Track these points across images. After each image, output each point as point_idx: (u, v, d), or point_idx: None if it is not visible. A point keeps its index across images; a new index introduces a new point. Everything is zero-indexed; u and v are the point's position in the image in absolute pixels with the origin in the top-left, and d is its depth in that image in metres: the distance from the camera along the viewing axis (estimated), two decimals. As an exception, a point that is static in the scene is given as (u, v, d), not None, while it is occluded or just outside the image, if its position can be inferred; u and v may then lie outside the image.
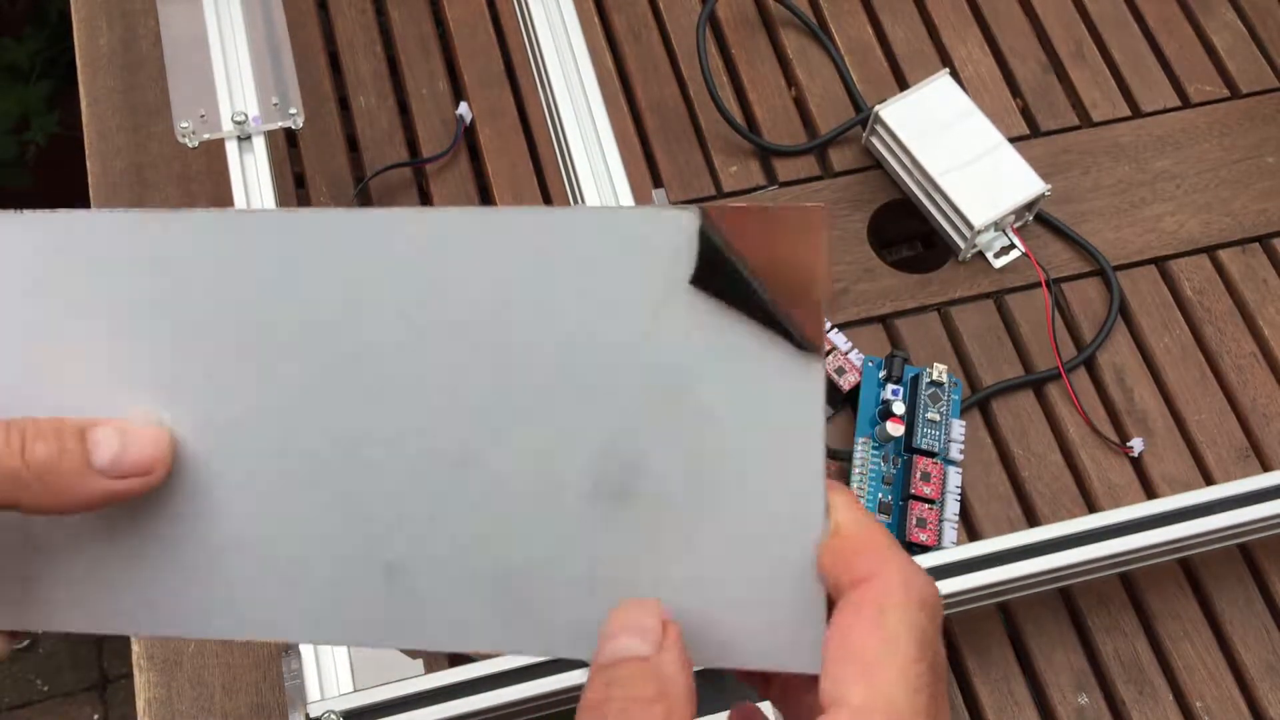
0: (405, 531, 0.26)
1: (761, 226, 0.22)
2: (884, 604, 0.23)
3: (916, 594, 0.23)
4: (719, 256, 0.23)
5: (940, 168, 0.72)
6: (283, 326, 0.25)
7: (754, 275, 0.23)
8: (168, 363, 0.26)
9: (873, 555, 0.24)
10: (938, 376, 0.68)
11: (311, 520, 0.26)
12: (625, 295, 0.24)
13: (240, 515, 0.26)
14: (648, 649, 0.24)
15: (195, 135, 0.64)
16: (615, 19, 0.81)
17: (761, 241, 0.22)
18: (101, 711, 1.34)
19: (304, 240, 0.24)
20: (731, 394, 0.24)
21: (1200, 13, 0.83)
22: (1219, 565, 0.65)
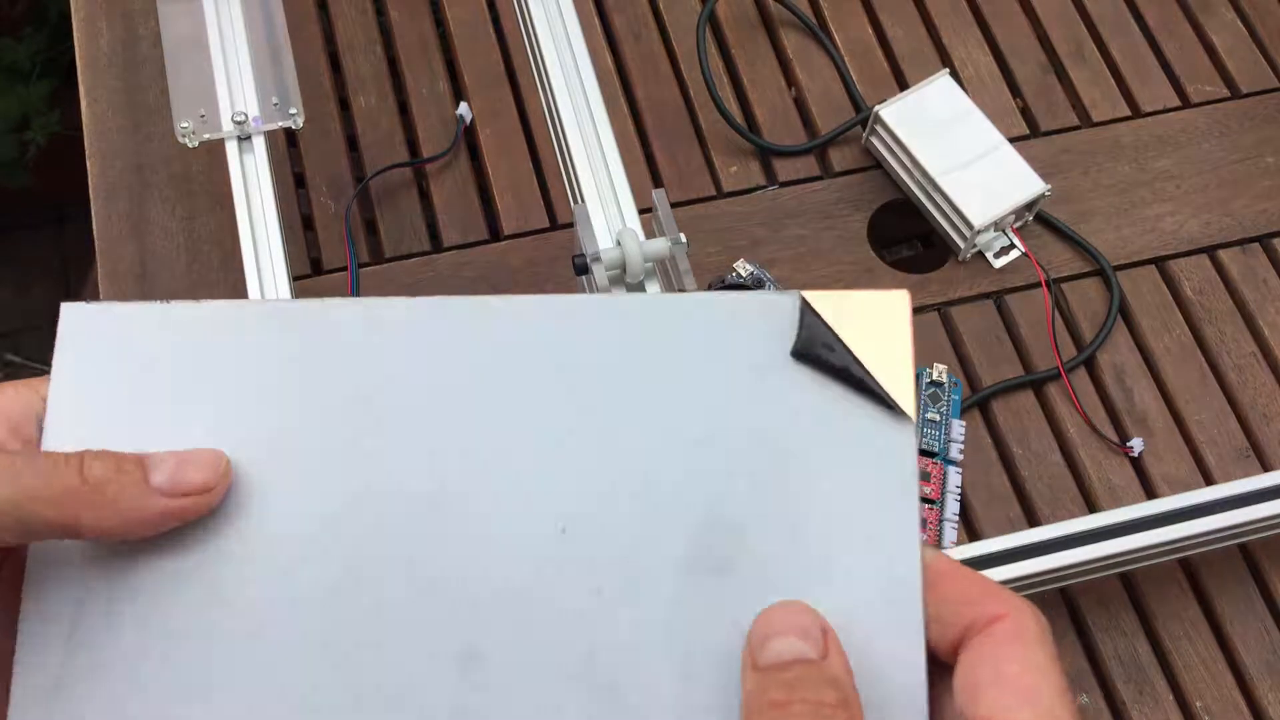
0: (485, 611, 0.26)
1: (850, 307, 0.25)
2: (1027, 638, 0.25)
3: (1046, 627, 0.25)
4: (816, 333, 0.25)
5: (940, 168, 0.72)
6: (406, 408, 0.26)
7: (848, 349, 0.25)
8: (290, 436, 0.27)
9: (997, 596, 0.26)
10: (938, 376, 0.68)
11: (387, 600, 0.26)
12: (732, 369, 0.26)
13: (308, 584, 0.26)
14: (814, 652, 0.25)
15: (195, 135, 0.64)
16: (615, 19, 0.81)
17: (852, 321, 0.25)
18: (101, 711, 1.34)
19: (431, 329, 0.26)
20: (829, 456, 0.26)
21: (1200, 13, 0.83)
22: (1219, 565, 0.65)
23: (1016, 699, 0.24)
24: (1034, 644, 0.25)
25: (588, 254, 0.53)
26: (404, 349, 0.26)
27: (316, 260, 0.72)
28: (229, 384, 0.27)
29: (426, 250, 0.73)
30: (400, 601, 0.26)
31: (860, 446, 0.25)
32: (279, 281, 0.60)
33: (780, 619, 0.25)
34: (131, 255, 0.71)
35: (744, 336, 0.26)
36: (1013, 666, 0.24)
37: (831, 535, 0.26)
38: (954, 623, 0.26)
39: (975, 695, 0.24)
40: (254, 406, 0.27)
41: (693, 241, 0.63)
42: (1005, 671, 0.24)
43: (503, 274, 0.72)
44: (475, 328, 0.26)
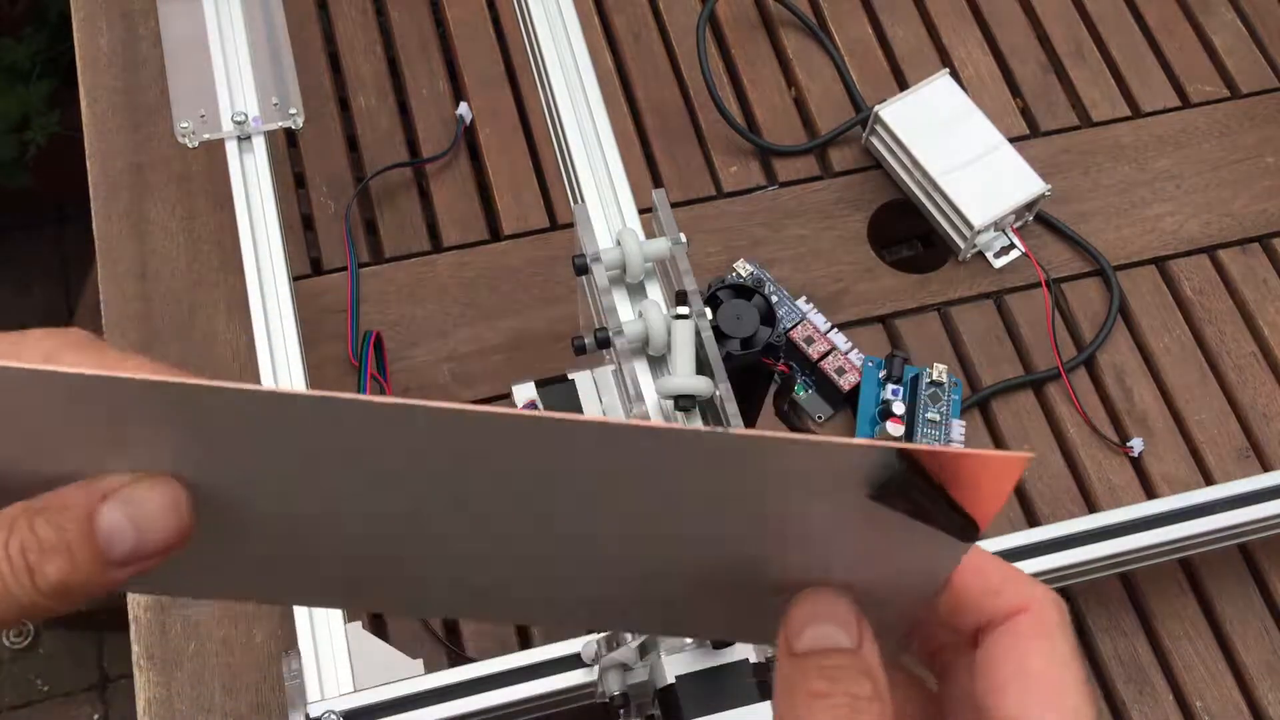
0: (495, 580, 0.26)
1: (961, 467, 0.23)
2: (1049, 630, 0.25)
3: (1065, 613, 0.25)
4: (901, 482, 0.23)
5: (940, 168, 0.72)
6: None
7: (935, 498, 0.23)
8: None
9: (1019, 585, 0.25)
10: (938, 376, 0.68)
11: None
12: (805, 496, 0.24)
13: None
14: (850, 642, 0.25)
15: (195, 135, 0.64)
16: (615, 19, 0.81)
17: (953, 475, 0.23)
18: (101, 711, 1.34)
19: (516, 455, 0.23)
20: (871, 543, 0.25)
21: (1200, 13, 0.83)
22: (1219, 565, 0.65)
23: (1042, 698, 0.24)
24: (1056, 637, 0.25)
25: (588, 254, 0.53)
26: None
27: (316, 260, 0.72)
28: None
29: (426, 250, 0.73)
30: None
31: (908, 544, 0.24)
32: (279, 281, 0.60)
33: (818, 606, 0.25)
34: (131, 255, 0.71)
35: (829, 475, 0.23)
36: (1037, 662, 0.24)
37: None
38: (977, 614, 0.26)
39: (1000, 694, 0.24)
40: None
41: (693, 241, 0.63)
42: (1029, 668, 0.24)
43: (503, 274, 0.72)
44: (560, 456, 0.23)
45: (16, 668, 1.35)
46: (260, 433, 0.22)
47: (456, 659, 0.61)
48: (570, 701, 0.53)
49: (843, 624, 0.25)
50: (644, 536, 0.25)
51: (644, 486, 0.24)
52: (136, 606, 0.62)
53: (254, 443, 0.23)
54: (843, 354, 0.69)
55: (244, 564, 0.26)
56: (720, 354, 0.50)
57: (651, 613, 0.28)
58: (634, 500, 0.24)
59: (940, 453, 0.22)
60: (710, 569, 0.26)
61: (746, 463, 0.23)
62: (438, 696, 0.51)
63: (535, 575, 0.26)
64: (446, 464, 0.23)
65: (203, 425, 0.22)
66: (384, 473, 0.23)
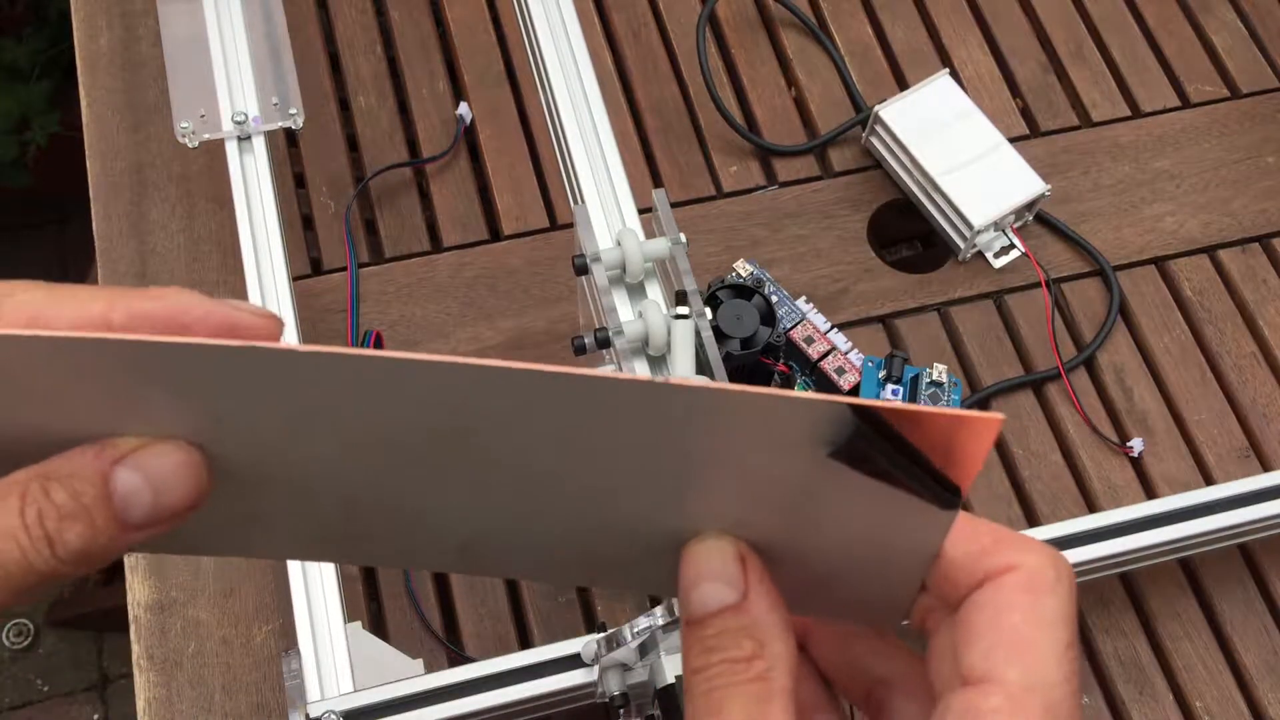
0: (489, 535, 0.26)
1: (929, 427, 0.21)
2: (1038, 587, 0.23)
3: (1066, 576, 0.23)
4: (865, 440, 0.22)
5: (940, 168, 0.72)
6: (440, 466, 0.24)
7: (905, 457, 0.22)
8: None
9: (1013, 544, 0.24)
10: (938, 376, 0.68)
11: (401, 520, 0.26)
12: (763, 452, 0.23)
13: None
14: (733, 595, 0.23)
15: (195, 135, 0.64)
16: (615, 19, 0.81)
17: (923, 437, 0.22)
18: (101, 711, 1.34)
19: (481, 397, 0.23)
20: (851, 506, 0.24)
21: (1200, 13, 0.83)
22: (1219, 565, 0.65)
23: (1009, 652, 0.22)
24: (1045, 593, 0.23)
25: (588, 254, 0.53)
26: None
27: (316, 260, 0.72)
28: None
29: (426, 250, 0.73)
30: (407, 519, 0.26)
31: (893, 513, 0.23)
32: (279, 281, 0.60)
33: (695, 565, 0.24)
34: (131, 255, 0.71)
35: (788, 432, 0.22)
36: (1014, 616, 0.23)
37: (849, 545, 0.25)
38: (968, 578, 0.24)
39: (969, 644, 0.23)
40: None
41: (693, 241, 0.63)
42: (1004, 621, 0.23)
43: (503, 274, 0.72)
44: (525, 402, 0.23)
45: (16, 668, 1.35)
46: (258, 387, 0.22)
47: (456, 659, 0.61)
48: (570, 701, 0.53)
49: (723, 577, 0.24)
50: (595, 490, 0.24)
51: (592, 434, 0.23)
52: (136, 606, 0.62)
53: (255, 398, 0.22)
54: (842, 354, 0.69)
55: (247, 521, 0.26)
56: (720, 354, 0.50)
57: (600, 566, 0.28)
58: (587, 449, 0.23)
59: (905, 411, 0.21)
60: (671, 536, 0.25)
61: (704, 418, 0.22)
62: (438, 696, 0.51)
63: (504, 527, 0.26)
64: (415, 415, 0.23)
65: (207, 385, 0.22)
66: (360, 424, 0.23)
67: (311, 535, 0.27)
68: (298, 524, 0.26)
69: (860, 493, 0.23)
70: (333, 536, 0.27)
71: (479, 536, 0.26)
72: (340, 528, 0.26)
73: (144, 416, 0.23)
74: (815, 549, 0.25)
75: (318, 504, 0.25)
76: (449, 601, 0.63)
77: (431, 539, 0.27)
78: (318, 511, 0.26)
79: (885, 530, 0.24)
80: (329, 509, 0.26)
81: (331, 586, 0.54)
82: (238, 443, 0.23)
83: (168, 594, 0.62)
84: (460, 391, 0.22)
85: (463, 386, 0.22)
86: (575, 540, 0.26)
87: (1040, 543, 0.24)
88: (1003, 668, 0.22)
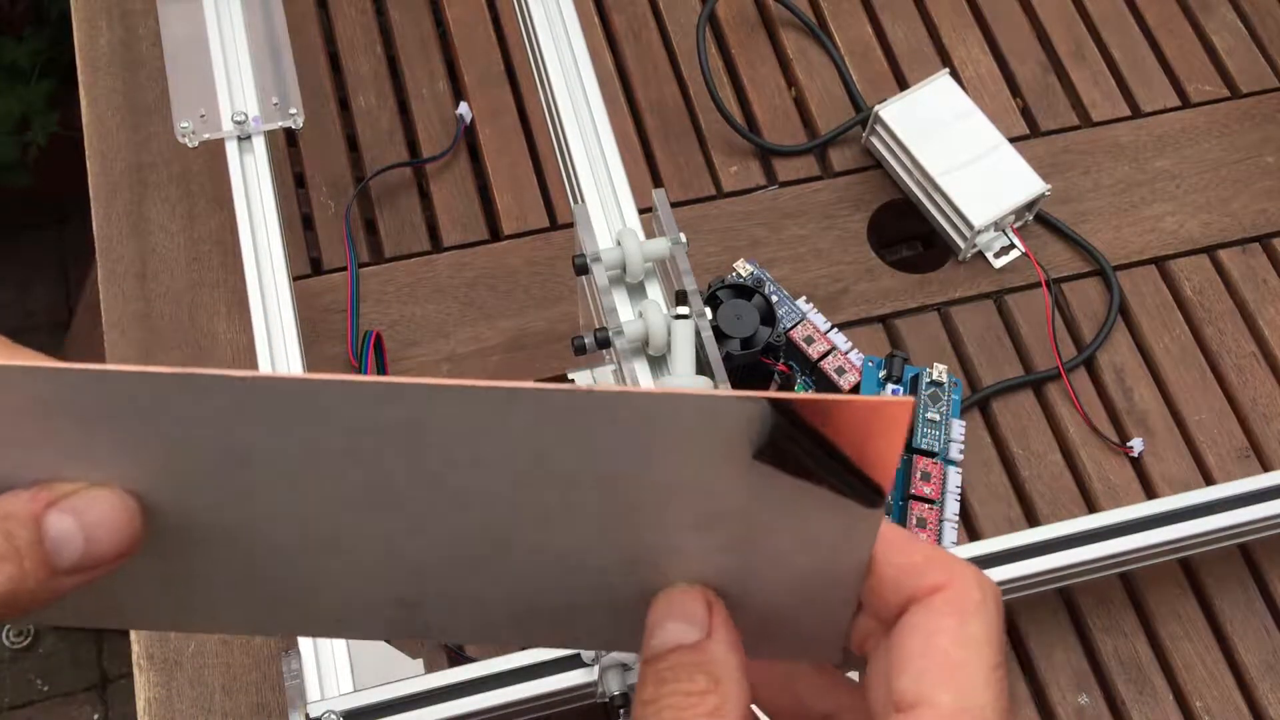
0: (427, 581, 0.26)
1: (842, 416, 0.22)
2: (964, 609, 0.24)
3: (991, 596, 0.24)
4: (787, 436, 0.22)
5: (940, 168, 0.72)
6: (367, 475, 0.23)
7: (825, 452, 0.22)
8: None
9: (941, 563, 0.24)
10: (938, 376, 0.68)
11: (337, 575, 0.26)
12: (690, 460, 0.23)
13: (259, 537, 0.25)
14: (695, 634, 0.24)
15: (195, 135, 0.64)
16: (615, 19, 0.81)
17: (838, 427, 0.22)
18: (101, 711, 1.34)
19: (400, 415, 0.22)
20: (785, 523, 0.24)
21: (1200, 13, 0.83)
22: (1219, 565, 0.65)
23: (940, 676, 0.23)
24: (971, 615, 0.23)
25: (588, 254, 0.53)
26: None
27: (316, 260, 0.72)
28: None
29: (426, 250, 0.73)
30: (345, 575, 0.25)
31: (816, 521, 0.23)
32: (279, 281, 0.60)
33: (663, 606, 0.24)
34: (131, 255, 0.71)
35: (707, 435, 0.22)
36: (943, 639, 0.23)
37: (774, 560, 0.25)
38: (897, 594, 0.24)
39: (901, 667, 0.23)
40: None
41: (693, 241, 0.63)
42: (934, 645, 0.23)
43: (503, 274, 0.72)
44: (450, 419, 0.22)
45: (16, 668, 1.35)
46: (197, 422, 0.22)
47: (456, 659, 0.61)
48: (570, 701, 0.53)
49: (689, 618, 0.24)
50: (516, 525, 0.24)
51: (504, 458, 0.22)
52: (136, 606, 0.62)
53: (193, 435, 0.22)
54: (842, 354, 0.69)
55: (181, 585, 0.26)
56: (720, 354, 0.50)
57: (538, 625, 0.27)
58: (500, 479, 0.23)
59: (815, 401, 0.21)
60: (601, 570, 0.25)
61: (635, 427, 0.22)
62: (438, 696, 0.51)
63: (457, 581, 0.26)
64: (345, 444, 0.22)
65: (146, 426, 0.22)
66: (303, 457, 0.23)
67: (248, 599, 0.26)
68: (234, 587, 0.26)
69: (792, 509, 0.23)
70: (271, 599, 0.26)
71: (425, 582, 0.26)
72: (279, 586, 0.26)
73: (85, 461, 0.22)
74: (759, 588, 0.25)
75: (254, 558, 0.25)
76: (449, 601, 0.63)
77: (372, 586, 0.26)
78: (255, 567, 0.25)
79: (819, 550, 0.24)
80: (267, 562, 0.25)
81: (331, 586, 0.53)
82: (177, 490, 0.23)
83: (168, 594, 0.62)
84: (387, 413, 0.22)
85: (386, 407, 0.21)
86: (529, 582, 0.26)
87: (966, 563, 0.25)
88: (933, 691, 0.23)
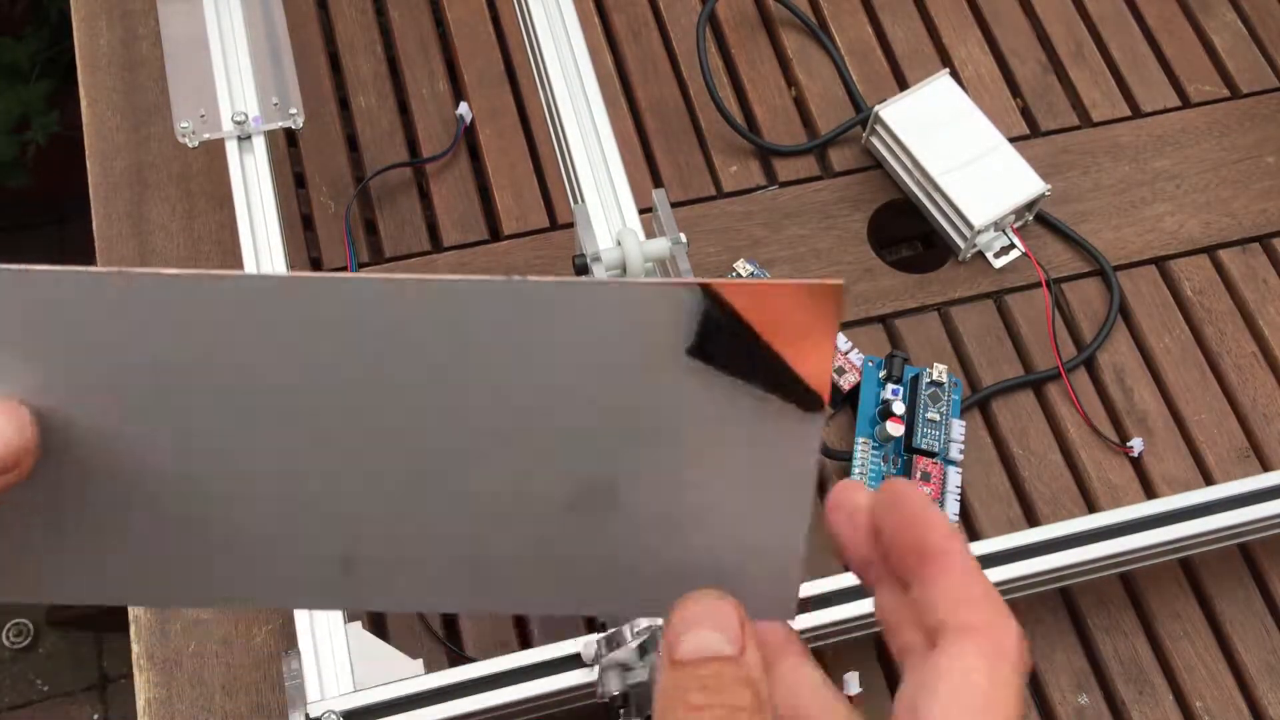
0: (365, 532, 0.25)
1: (773, 302, 0.22)
2: (1002, 655, 0.25)
3: (1024, 655, 0.25)
4: (719, 329, 0.22)
5: (940, 168, 0.72)
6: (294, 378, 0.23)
7: (758, 347, 0.22)
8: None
9: (991, 604, 0.25)
10: (938, 376, 0.68)
11: (263, 516, 0.25)
12: (623, 358, 0.23)
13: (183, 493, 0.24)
14: (732, 649, 0.24)
15: (195, 135, 0.64)
16: (615, 19, 0.81)
17: (771, 315, 0.22)
18: (101, 711, 1.34)
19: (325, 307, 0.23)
20: (724, 439, 0.24)
21: (1200, 13, 0.83)
22: (1219, 565, 0.65)
23: (971, 709, 0.24)
24: (1007, 665, 0.25)
25: (588, 254, 0.53)
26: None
27: (316, 260, 0.72)
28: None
29: (426, 250, 0.73)
30: (272, 515, 0.25)
31: (756, 433, 0.23)
32: (279, 281, 0.60)
33: (699, 611, 0.25)
34: (131, 255, 0.71)
35: (639, 330, 0.22)
36: (979, 678, 0.24)
37: (718, 499, 0.25)
38: (948, 612, 0.25)
39: (933, 696, 0.24)
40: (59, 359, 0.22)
41: (693, 241, 0.64)
42: (971, 681, 0.24)
43: (502, 274, 0.72)
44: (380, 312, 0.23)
45: (16, 668, 1.35)
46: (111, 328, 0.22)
47: (456, 659, 0.61)
48: (570, 701, 0.53)
49: (725, 629, 0.24)
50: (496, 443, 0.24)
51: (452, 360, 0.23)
52: (136, 606, 0.62)
53: (105, 345, 0.22)
54: (842, 354, 0.69)
55: (75, 539, 0.25)
56: (720, 354, 0.50)
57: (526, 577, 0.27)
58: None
59: (748, 285, 0.21)
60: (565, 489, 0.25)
61: (555, 320, 0.22)
62: (438, 696, 0.51)
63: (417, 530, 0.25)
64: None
65: (57, 329, 0.22)
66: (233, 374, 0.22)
67: (142, 559, 0.25)
68: (124, 539, 0.25)
69: (727, 415, 0.23)
70: (186, 552, 0.25)
71: (359, 529, 0.25)
72: (193, 534, 0.25)
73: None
74: (707, 527, 0.25)
75: (158, 501, 0.24)
76: (449, 601, 0.63)
77: (297, 535, 0.25)
78: (166, 511, 0.24)
79: (761, 470, 0.24)
80: (178, 502, 0.24)
81: (331, 586, 0.53)
82: (81, 407, 0.22)
83: (168, 594, 0.62)
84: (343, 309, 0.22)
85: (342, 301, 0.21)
86: (473, 526, 0.25)
87: (1012, 616, 0.26)
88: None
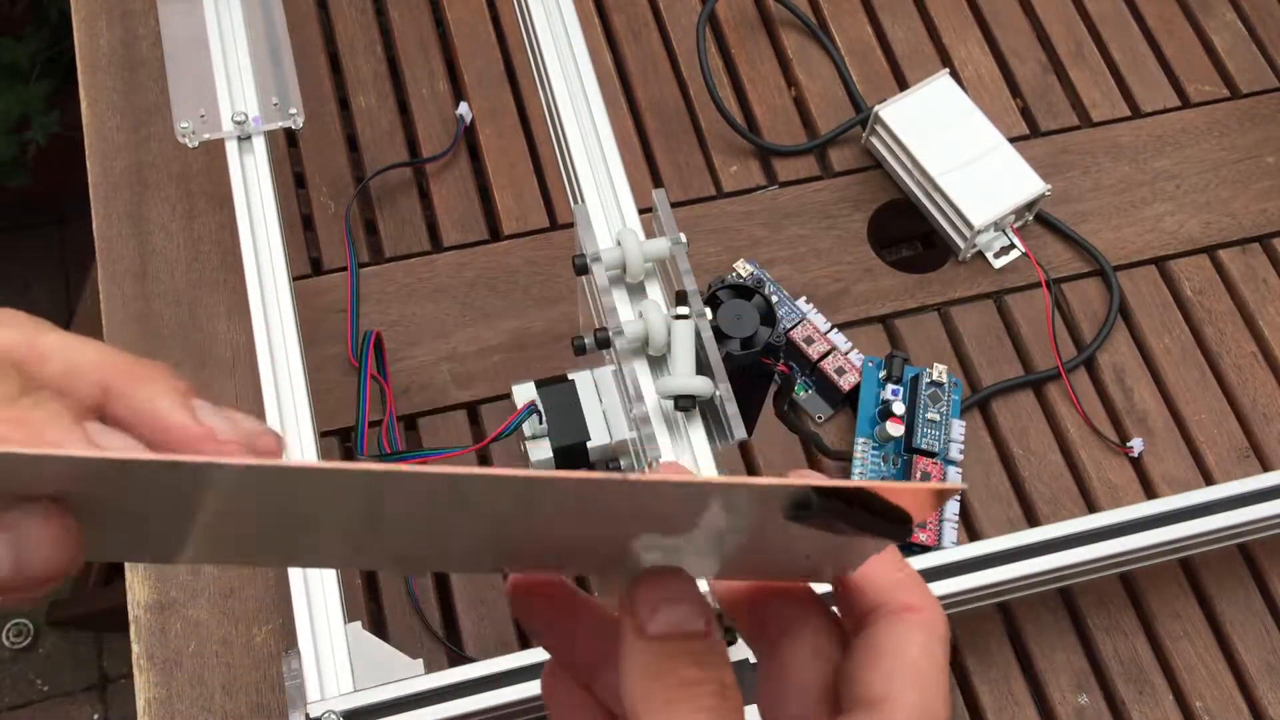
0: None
1: (899, 499, 0.23)
2: (933, 633, 0.27)
3: (949, 632, 0.27)
4: (827, 510, 0.23)
5: (940, 168, 0.72)
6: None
7: (866, 518, 0.23)
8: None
9: (919, 587, 0.27)
10: (938, 376, 0.68)
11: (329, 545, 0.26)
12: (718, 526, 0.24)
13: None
14: (702, 624, 0.25)
15: (195, 135, 0.63)
16: (615, 19, 0.81)
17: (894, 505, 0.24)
18: (101, 711, 1.34)
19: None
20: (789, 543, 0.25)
21: (1200, 13, 0.83)
22: (1219, 565, 0.65)
23: (909, 679, 0.26)
24: (937, 639, 0.27)
25: (588, 254, 0.53)
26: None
27: (316, 260, 0.72)
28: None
29: (426, 250, 0.73)
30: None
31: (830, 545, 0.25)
32: (279, 281, 0.60)
33: (669, 588, 0.25)
34: (131, 255, 0.71)
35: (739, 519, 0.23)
36: (914, 651, 0.26)
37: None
38: (874, 596, 0.27)
39: (872, 665, 0.26)
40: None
41: (693, 241, 0.63)
42: (906, 653, 0.26)
43: (503, 274, 0.72)
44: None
45: (16, 668, 1.35)
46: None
47: (456, 659, 0.61)
48: (570, 701, 0.53)
49: (696, 607, 0.25)
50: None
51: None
52: (136, 606, 0.62)
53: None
54: (843, 354, 0.69)
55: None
56: (720, 354, 0.50)
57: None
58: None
59: (883, 491, 0.22)
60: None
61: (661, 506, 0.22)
62: (438, 696, 0.51)
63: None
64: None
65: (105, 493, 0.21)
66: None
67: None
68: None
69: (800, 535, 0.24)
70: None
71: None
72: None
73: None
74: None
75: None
76: (449, 602, 0.63)
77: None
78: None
79: (818, 557, 0.26)
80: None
81: (331, 587, 0.54)
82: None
83: (168, 594, 0.62)
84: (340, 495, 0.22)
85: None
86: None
87: (933, 594, 0.28)
88: (902, 691, 0.25)
